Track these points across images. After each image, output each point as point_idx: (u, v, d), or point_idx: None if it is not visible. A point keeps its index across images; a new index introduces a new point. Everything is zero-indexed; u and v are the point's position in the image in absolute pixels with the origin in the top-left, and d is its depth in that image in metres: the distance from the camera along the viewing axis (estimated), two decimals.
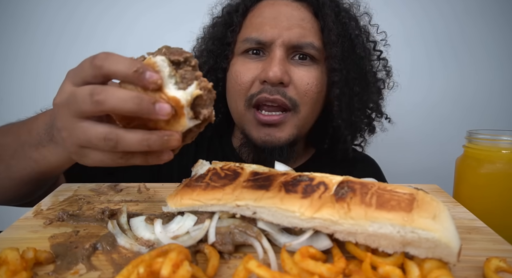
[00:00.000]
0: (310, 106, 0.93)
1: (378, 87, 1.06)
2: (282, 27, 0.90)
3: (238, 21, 0.99)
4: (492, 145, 0.81)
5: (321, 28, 0.94)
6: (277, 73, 0.86)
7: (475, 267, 0.48)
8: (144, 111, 0.46)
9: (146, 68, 0.46)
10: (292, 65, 0.91)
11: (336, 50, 0.92)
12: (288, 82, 0.89)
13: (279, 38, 0.89)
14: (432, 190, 0.78)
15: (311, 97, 0.92)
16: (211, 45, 1.03)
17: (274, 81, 0.87)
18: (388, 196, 0.48)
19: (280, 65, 0.87)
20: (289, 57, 0.92)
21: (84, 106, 0.48)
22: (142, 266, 0.40)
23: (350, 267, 0.46)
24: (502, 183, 0.80)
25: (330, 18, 0.93)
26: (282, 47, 0.89)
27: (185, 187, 0.57)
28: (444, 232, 0.43)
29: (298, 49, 0.91)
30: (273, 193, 0.51)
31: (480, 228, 0.60)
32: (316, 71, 0.92)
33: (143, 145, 0.48)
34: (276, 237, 0.51)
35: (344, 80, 0.95)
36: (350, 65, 0.95)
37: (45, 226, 0.59)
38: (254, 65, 0.92)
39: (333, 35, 0.92)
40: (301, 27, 0.91)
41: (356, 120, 1.01)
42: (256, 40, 0.91)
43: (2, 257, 0.45)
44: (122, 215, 0.60)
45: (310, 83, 0.91)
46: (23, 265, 0.44)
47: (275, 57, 0.88)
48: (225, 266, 0.49)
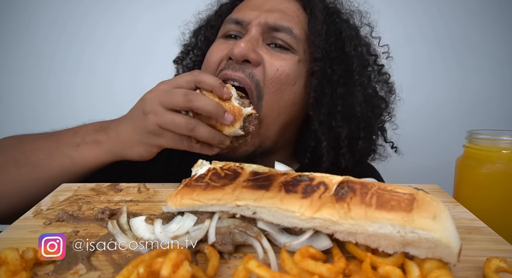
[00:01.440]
0: (274, 99, 0.84)
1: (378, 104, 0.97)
2: (263, 10, 0.87)
3: (226, 8, 0.98)
4: (492, 145, 0.81)
5: (308, 21, 0.89)
6: (242, 49, 0.80)
7: (475, 267, 0.48)
8: (217, 115, 0.72)
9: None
10: (265, 48, 0.86)
11: (320, 40, 0.86)
12: (257, 62, 0.83)
13: (256, 19, 0.85)
14: (432, 190, 0.78)
15: (277, 87, 0.83)
16: (197, 29, 1.05)
17: (238, 57, 0.81)
18: (388, 196, 0.48)
19: (248, 42, 0.82)
20: (265, 41, 0.86)
21: (178, 101, 0.72)
22: (142, 266, 0.40)
23: (350, 267, 0.46)
24: (502, 183, 0.80)
25: (318, 8, 0.89)
26: (258, 27, 0.85)
27: (185, 187, 0.57)
28: (444, 232, 0.43)
29: (275, 33, 0.85)
30: (273, 193, 0.51)
31: (480, 228, 0.60)
32: (291, 60, 0.85)
33: (209, 136, 0.73)
34: (276, 237, 0.51)
35: (327, 76, 0.87)
36: (335, 63, 0.88)
37: (45, 226, 0.59)
38: (227, 46, 0.87)
39: (318, 25, 0.87)
40: (283, 12, 0.87)
41: (338, 126, 0.89)
42: (234, 20, 0.89)
43: (2, 257, 0.45)
44: (122, 215, 0.60)
45: (280, 70, 0.83)
46: (23, 265, 0.44)
47: (247, 35, 0.84)
48: (225, 266, 0.49)
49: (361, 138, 0.93)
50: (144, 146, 0.78)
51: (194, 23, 1.09)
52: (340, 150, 0.90)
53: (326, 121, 0.89)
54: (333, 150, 0.90)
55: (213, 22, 1.01)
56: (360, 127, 0.92)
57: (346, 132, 0.90)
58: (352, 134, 0.91)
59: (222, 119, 0.73)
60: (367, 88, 0.93)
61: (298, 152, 1.01)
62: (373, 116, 0.94)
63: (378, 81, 0.99)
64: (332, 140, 0.90)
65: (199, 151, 0.77)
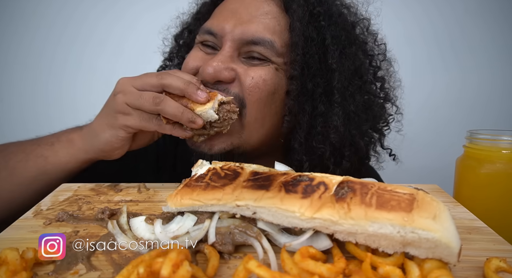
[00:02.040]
0: (257, 108, 0.79)
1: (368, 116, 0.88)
2: (238, 20, 0.79)
3: (205, 10, 0.93)
4: (492, 145, 0.81)
5: (289, 27, 0.81)
6: (209, 70, 0.76)
7: (475, 267, 0.48)
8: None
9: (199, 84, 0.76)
10: (241, 63, 0.80)
11: (297, 54, 0.78)
12: (230, 79, 0.78)
13: (230, 33, 0.79)
14: (432, 190, 0.78)
15: (258, 96, 0.78)
16: (179, 32, 1.01)
17: (208, 79, 0.77)
18: (388, 196, 0.48)
19: (219, 61, 0.77)
20: (241, 56, 0.80)
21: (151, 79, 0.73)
22: (142, 266, 0.40)
23: (350, 267, 0.46)
24: (502, 183, 0.80)
25: (297, 14, 0.80)
26: (231, 42, 0.79)
27: (185, 187, 0.57)
28: (444, 232, 0.43)
29: (252, 46, 0.79)
30: (273, 193, 0.51)
31: (480, 228, 0.60)
32: (270, 72, 0.79)
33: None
34: (276, 237, 0.51)
35: (306, 93, 0.80)
36: (317, 78, 0.80)
37: (45, 226, 0.59)
38: (201, 55, 0.83)
39: (296, 36, 0.79)
40: (261, 22, 0.79)
41: (319, 148, 0.83)
42: (207, 30, 0.82)
43: (2, 257, 0.45)
44: (122, 215, 0.60)
45: (255, 78, 0.78)
46: (23, 265, 0.44)
47: (220, 52, 0.79)
48: (225, 266, 0.48)
49: (345, 156, 0.86)
50: (110, 129, 0.76)
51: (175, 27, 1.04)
52: (327, 168, 0.85)
53: (304, 143, 0.83)
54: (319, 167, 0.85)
55: (192, 26, 0.97)
56: (344, 145, 0.85)
57: (329, 153, 0.83)
58: (337, 153, 0.85)
59: (195, 95, 0.72)
60: (352, 104, 0.84)
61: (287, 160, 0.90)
62: (357, 133, 0.86)
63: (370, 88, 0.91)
64: (315, 159, 0.84)
65: (169, 132, 0.75)
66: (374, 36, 0.93)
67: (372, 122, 0.91)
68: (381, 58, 0.93)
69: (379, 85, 0.93)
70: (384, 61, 0.94)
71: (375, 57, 0.92)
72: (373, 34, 0.93)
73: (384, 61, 0.94)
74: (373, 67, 0.92)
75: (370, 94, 0.90)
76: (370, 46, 0.92)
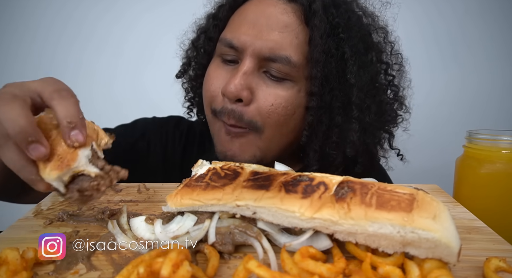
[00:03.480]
0: (276, 129, 0.81)
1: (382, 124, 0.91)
2: (258, 32, 0.78)
3: (223, 16, 0.91)
4: (492, 145, 0.81)
5: (309, 39, 0.80)
6: (232, 89, 0.77)
7: (475, 267, 0.48)
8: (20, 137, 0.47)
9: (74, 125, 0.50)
10: (261, 79, 0.80)
11: (318, 71, 0.78)
12: (249, 100, 0.79)
13: (251, 47, 0.78)
14: (432, 190, 0.78)
15: (276, 119, 0.80)
16: (197, 37, 0.99)
17: (230, 97, 0.78)
18: (388, 196, 0.48)
19: (241, 79, 0.77)
20: (261, 70, 0.81)
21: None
22: (142, 266, 0.40)
23: (350, 267, 0.46)
24: (502, 183, 0.80)
25: (318, 30, 0.78)
26: (252, 57, 0.78)
27: (185, 186, 0.57)
28: (444, 232, 0.43)
29: (271, 63, 0.79)
30: (273, 193, 0.51)
31: (480, 228, 0.60)
32: (288, 91, 0.80)
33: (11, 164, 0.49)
34: (276, 237, 0.51)
35: (324, 107, 0.82)
36: (335, 91, 0.81)
37: (45, 226, 0.59)
38: (224, 73, 0.83)
39: (317, 53, 0.78)
40: (281, 35, 0.78)
41: (331, 154, 0.86)
42: (228, 43, 0.82)
43: (2, 257, 0.45)
44: (122, 215, 0.60)
45: (275, 105, 0.79)
46: (23, 265, 0.44)
47: (241, 69, 0.79)
48: (225, 266, 0.49)
49: (359, 162, 0.89)
50: None
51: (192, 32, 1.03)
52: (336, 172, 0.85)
53: (319, 151, 0.86)
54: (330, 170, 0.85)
55: (211, 34, 0.94)
56: (358, 152, 0.87)
57: (341, 159, 0.87)
58: (348, 160, 0.88)
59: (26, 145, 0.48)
60: (368, 115, 0.85)
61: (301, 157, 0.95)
62: (371, 141, 0.89)
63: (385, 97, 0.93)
64: (327, 164, 0.87)
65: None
66: (391, 45, 0.94)
67: (385, 126, 0.93)
68: (396, 68, 0.94)
69: (392, 93, 0.94)
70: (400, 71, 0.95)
71: (391, 66, 0.93)
72: (390, 42, 0.94)
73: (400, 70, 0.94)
74: (388, 75, 0.93)
75: (384, 103, 0.91)
76: (387, 54, 0.93)
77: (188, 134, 1.07)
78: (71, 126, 0.49)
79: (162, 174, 1.01)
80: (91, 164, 0.50)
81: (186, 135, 1.07)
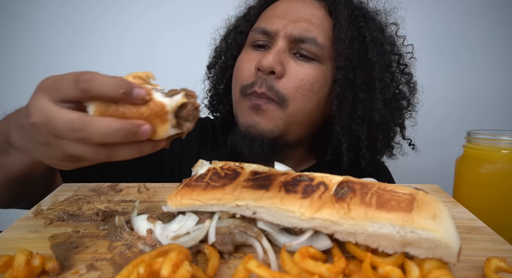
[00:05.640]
0: (302, 104, 0.88)
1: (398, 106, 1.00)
2: (289, 20, 0.89)
3: (254, 13, 1.00)
4: (492, 145, 0.81)
5: (332, 26, 0.91)
6: (269, 60, 0.84)
7: (475, 267, 0.48)
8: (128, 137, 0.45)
9: (133, 85, 0.45)
10: (292, 58, 0.89)
11: (344, 48, 0.88)
12: (281, 73, 0.87)
13: (283, 30, 0.88)
14: (432, 190, 0.78)
15: (303, 94, 0.87)
16: (227, 33, 1.07)
17: (265, 68, 0.85)
18: (388, 196, 0.48)
19: (276, 54, 0.85)
20: (291, 52, 0.89)
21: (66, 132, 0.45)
22: (142, 266, 0.40)
23: (350, 267, 0.46)
24: (502, 183, 0.80)
25: (342, 15, 0.90)
26: (284, 38, 0.88)
27: (185, 186, 0.57)
28: (444, 232, 0.43)
29: (300, 44, 0.88)
30: (273, 193, 0.51)
31: (480, 228, 0.60)
32: (316, 70, 0.89)
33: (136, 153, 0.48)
34: (276, 237, 0.51)
35: (349, 82, 0.90)
36: (358, 69, 0.91)
37: (45, 226, 0.59)
38: (256, 56, 0.91)
39: (342, 33, 0.89)
40: (308, 21, 0.89)
41: (358, 130, 0.93)
42: (262, 30, 0.91)
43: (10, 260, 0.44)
44: (134, 210, 0.60)
45: (304, 80, 0.87)
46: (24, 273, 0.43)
47: (274, 47, 0.87)
48: (225, 266, 0.49)
49: (379, 140, 0.97)
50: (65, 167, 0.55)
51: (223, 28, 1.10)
52: (360, 151, 0.94)
53: (346, 125, 0.92)
54: (353, 150, 0.94)
55: (242, 27, 1.02)
56: (379, 129, 0.95)
57: (366, 135, 0.93)
58: (371, 137, 0.95)
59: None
60: (387, 93, 0.95)
61: (316, 149, 1.04)
62: (391, 119, 0.97)
63: (400, 82, 1.01)
64: (352, 141, 0.94)
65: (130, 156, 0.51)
66: (402, 38, 1.04)
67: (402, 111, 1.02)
68: (408, 57, 1.04)
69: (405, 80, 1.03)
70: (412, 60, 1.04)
71: (403, 57, 1.02)
72: (401, 37, 1.04)
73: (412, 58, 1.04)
74: (401, 64, 1.02)
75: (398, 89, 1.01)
76: (399, 47, 1.02)
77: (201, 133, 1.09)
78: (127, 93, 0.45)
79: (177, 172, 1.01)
80: (168, 97, 0.49)
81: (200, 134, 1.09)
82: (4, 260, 0.44)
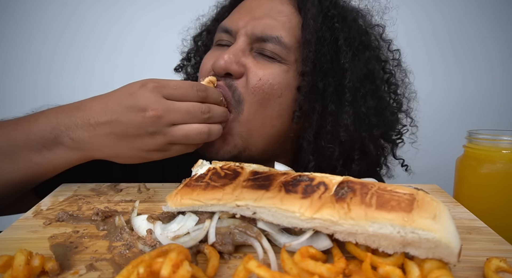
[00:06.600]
0: (257, 108, 0.79)
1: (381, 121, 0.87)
2: (252, 17, 0.81)
3: (223, 12, 0.95)
4: (493, 145, 0.81)
5: (301, 26, 0.82)
6: (224, 62, 0.77)
7: (475, 267, 0.48)
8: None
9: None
10: (253, 58, 0.81)
11: (309, 51, 0.79)
12: (239, 74, 0.79)
13: (244, 28, 0.81)
14: (432, 190, 0.78)
15: (260, 97, 0.78)
16: (198, 34, 1.03)
17: (218, 69, 0.78)
18: (388, 196, 0.48)
19: (231, 54, 0.78)
20: (253, 50, 0.81)
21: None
22: (142, 266, 0.40)
23: (350, 267, 0.45)
24: (502, 183, 0.80)
25: (310, 13, 0.80)
26: (245, 37, 0.80)
27: (185, 186, 0.57)
28: (444, 232, 0.43)
29: (262, 43, 0.80)
30: (273, 193, 0.51)
31: (480, 228, 0.60)
32: (279, 72, 0.79)
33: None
34: (276, 237, 0.51)
35: (317, 92, 0.80)
36: (329, 77, 0.81)
37: (45, 226, 0.59)
38: (217, 54, 0.83)
39: (309, 33, 0.79)
40: (273, 19, 0.80)
41: (327, 147, 0.83)
42: (223, 28, 0.85)
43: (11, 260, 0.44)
44: (134, 211, 0.60)
45: (262, 80, 0.78)
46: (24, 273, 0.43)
47: (233, 46, 0.80)
48: (225, 266, 0.48)
49: (355, 160, 0.85)
50: (140, 159, 0.72)
51: (194, 29, 1.06)
52: (335, 170, 0.84)
53: (313, 142, 0.83)
54: (328, 168, 0.84)
55: (211, 27, 0.99)
56: (355, 148, 0.85)
57: (338, 154, 0.83)
58: (346, 155, 0.84)
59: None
60: (363, 106, 0.83)
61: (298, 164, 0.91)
62: (368, 136, 0.85)
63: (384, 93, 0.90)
64: (323, 159, 0.84)
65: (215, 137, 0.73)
66: (388, 42, 0.94)
67: (384, 128, 0.89)
68: (395, 64, 0.94)
69: (391, 91, 0.93)
70: (398, 67, 0.94)
71: (389, 63, 0.93)
72: (386, 41, 0.94)
73: (399, 66, 0.94)
74: (386, 73, 0.92)
75: (382, 100, 0.89)
76: (384, 52, 0.93)
77: None
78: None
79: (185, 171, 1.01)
80: None
81: None
82: (4, 260, 0.44)
